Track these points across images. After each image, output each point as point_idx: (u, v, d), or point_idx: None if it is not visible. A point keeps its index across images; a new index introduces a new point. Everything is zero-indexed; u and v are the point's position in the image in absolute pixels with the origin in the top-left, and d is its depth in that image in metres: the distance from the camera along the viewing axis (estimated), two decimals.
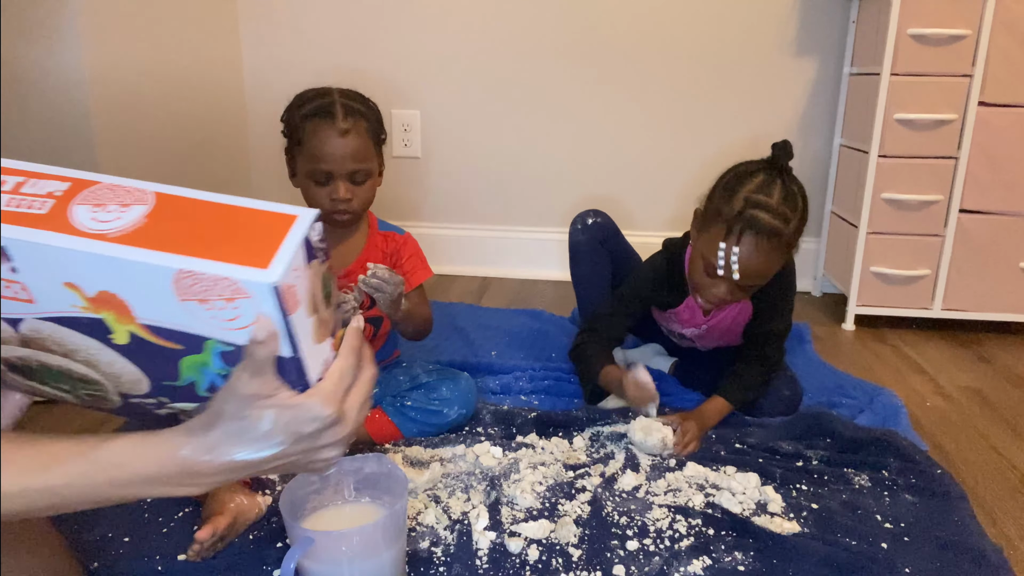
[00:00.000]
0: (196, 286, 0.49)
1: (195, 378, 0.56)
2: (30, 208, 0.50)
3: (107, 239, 0.49)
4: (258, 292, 0.49)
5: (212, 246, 0.49)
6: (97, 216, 0.50)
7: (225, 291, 0.49)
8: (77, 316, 0.52)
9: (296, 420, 0.55)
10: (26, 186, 0.51)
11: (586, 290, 1.53)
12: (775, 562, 0.95)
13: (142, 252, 0.48)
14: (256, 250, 0.49)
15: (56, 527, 0.79)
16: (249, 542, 0.97)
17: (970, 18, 1.69)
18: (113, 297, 0.50)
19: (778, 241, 1.17)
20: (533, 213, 2.31)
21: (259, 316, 0.50)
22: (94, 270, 0.49)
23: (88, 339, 0.54)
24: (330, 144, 1.16)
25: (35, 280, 0.51)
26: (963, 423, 1.41)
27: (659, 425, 1.23)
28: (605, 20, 2.14)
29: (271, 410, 0.54)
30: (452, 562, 0.94)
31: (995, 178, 1.76)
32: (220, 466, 0.56)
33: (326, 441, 0.58)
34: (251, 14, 2.26)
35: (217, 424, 0.55)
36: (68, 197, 0.51)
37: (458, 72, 2.23)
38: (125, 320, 0.52)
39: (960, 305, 1.85)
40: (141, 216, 0.50)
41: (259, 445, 0.56)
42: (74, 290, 0.50)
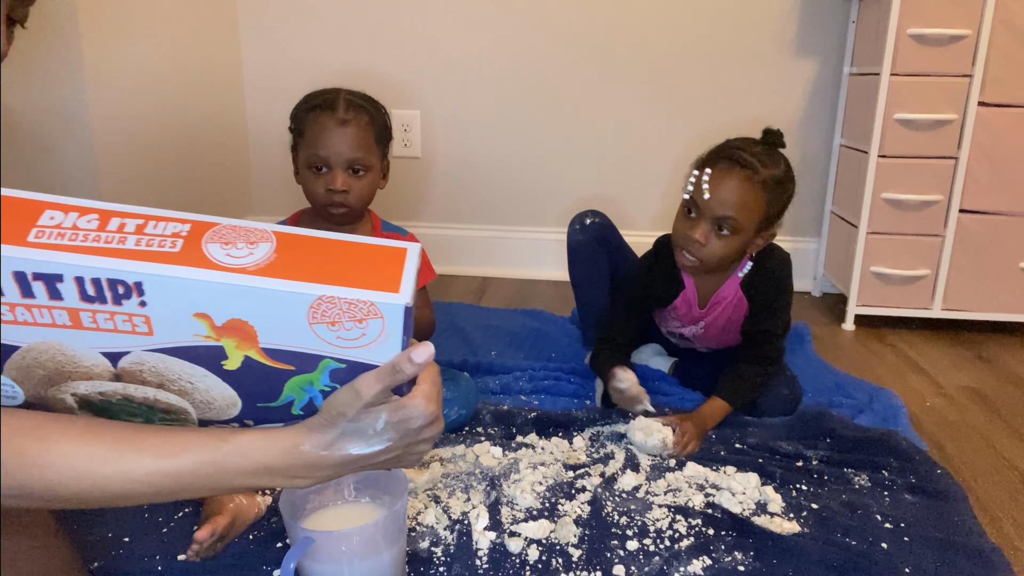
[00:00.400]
0: (331, 310, 0.55)
1: (295, 396, 0.63)
2: (162, 247, 0.54)
3: (248, 272, 0.54)
4: (391, 313, 0.56)
5: (343, 275, 0.56)
6: (231, 252, 0.55)
7: (358, 313, 0.56)
8: (195, 345, 0.57)
9: (405, 420, 0.63)
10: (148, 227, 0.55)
11: (585, 291, 1.53)
12: (775, 562, 0.95)
13: (284, 283, 0.54)
14: (384, 278, 0.57)
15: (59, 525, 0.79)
16: (249, 542, 0.97)
17: (970, 18, 1.69)
18: (244, 324, 0.56)
19: (750, 175, 1.20)
20: (533, 213, 2.31)
21: (425, 343, 0.60)
22: (231, 301, 0.55)
23: (194, 367, 0.59)
24: (329, 132, 1.18)
25: (162, 313, 0.55)
26: (963, 423, 1.41)
27: (659, 426, 1.23)
28: (605, 20, 2.14)
29: (384, 412, 0.62)
30: (452, 562, 0.94)
31: (995, 178, 1.76)
32: (336, 460, 0.63)
33: (425, 436, 0.66)
34: (251, 14, 2.26)
35: (337, 423, 0.62)
36: (196, 237, 0.56)
37: (458, 72, 2.23)
38: (246, 346, 0.57)
39: (960, 305, 1.85)
40: (270, 251, 0.56)
41: (372, 442, 0.63)
42: (203, 320, 0.55)
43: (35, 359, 0.59)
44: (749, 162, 1.21)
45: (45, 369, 0.60)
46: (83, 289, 0.53)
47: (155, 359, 0.58)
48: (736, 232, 1.24)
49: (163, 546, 0.96)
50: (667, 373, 1.55)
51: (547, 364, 1.59)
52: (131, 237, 0.54)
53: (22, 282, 0.53)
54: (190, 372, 0.60)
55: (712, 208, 1.22)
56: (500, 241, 2.32)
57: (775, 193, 1.23)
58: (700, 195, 1.23)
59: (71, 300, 0.54)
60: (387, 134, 1.26)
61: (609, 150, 2.24)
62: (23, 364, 0.59)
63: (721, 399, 1.31)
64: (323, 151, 1.18)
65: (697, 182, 1.23)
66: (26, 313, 0.54)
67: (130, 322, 0.55)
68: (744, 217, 1.22)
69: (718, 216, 1.23)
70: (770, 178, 1.22)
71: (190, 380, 0.60)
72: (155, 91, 1.88)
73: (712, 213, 1.23)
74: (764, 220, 1.25)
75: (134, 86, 1.79)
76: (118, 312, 0.55)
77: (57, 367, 0.59)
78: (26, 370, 0.59)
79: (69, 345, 0.57)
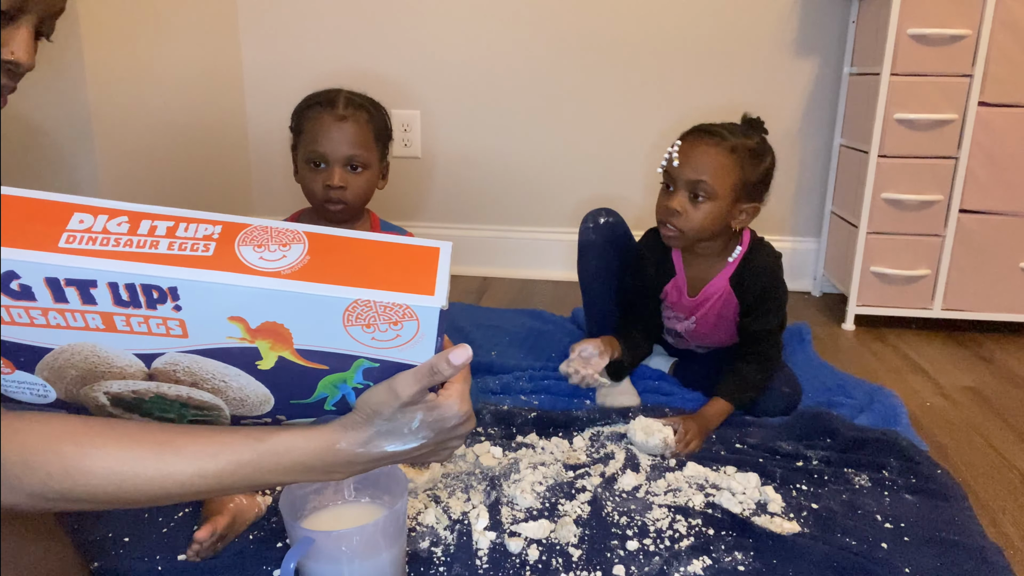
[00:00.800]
0: (367, 313, 0.55)
1: (328, 394, 0.63)
2: (195, 251, 0.54)
3: (282, 276, 0.54)
4: (426, 316, 0.56)
5: (377, 278, 0.56)
6: (264, 256, 0.55)
7: (393, 316, 0.56)
8: (229, 347, 0.57)
9: (439, 419, 0.64)
10: (179, 230, 0.55)
11: (592, 289, 1.52)
12: (775, 562, 0.95)
13: (319, 287, 0.54)
14: (417, 281, 0.57)
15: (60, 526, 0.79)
16: (249, 542, 0.97)
17: (970, 18, 1.69)
18: (279, 327, 0.56)
19: (719, 140, 1.25)
20: (533, 213, 2.31)
21: (463, 345, 0.61)
22: (266, 305, 0.54)
23: (228, 367, 0.59)
24: (327, 128, 1.19)
25: (197, 316, 0.55)
26: (963, 423, 1.41)
27: (659, 426, 1.23)
28: (605, 20, 2.14)
29: (420, 411, 0.63)
30: (452, 562, 0.94)
31: (995, 178, 1.76)
32: (371, 457, 0.65)
33: (458, 434, 0.67)
34: (251, 14, 2.26)
35: (373, 422, 0.63)
36: (228, 239, 0.55)
37: (458, 72, 2.23)
38: (281, 347, 0.58)
39: (960, 305, 1.85)
40: (303, 254, 0.56)
41: (407, 440, 0.65)
42: (238, 323, 0.55)
43: (68, 360, 0.59)
44: (717, 131, 1.26)
45: (78, 370, 0.60)
46: (117, 294, 0.53)
47: (189, 360, 0.59)
48: (711, 198, 1.25)
49: (163, 546, 0.96)
50: (667, 373, 1.55)
51: (547, 364, 1.59)
52: (163, 241, 0.54)
53: (55, 288, 0.52)
54: (224, 372, 0.60)
55: (684, 174, 1.26)
56: (500, 241, 2.32)
57: (748, 161, 1.25)
58: (672, 166, 1.27)
59: (105, 305, 0.54)
60: (387, 134, 1.27)
61: (609, 150, 2.24)
62: (56, 365, 0.59)
63: (723, 399, 1.31)
64: (321, 147, 1.19)
65: (670, 157, 1.28)
66: (59, 317, 0.54)
67: (164, 325, 0.55)
68: (716, 181, 1.24)
69: (690, 181, 1.25)
70: (740, 145, 1.25)
71: (223, 379, 0.61)
72: (155, 91, 1.88)
73: (684, 179, 1.26)
74: (740, 187, 1.26)
75: (134, 86, 1.79)
76: (152, 316, 0.55)
77: (90, 368, 0.59)
78: (59, 371, 0.59)
79: (103, 347, 0.57)
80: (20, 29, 0.72)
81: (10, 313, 0.54)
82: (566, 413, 1.35)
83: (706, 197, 1.25)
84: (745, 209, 1.29)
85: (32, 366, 0.59)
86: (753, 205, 1.30)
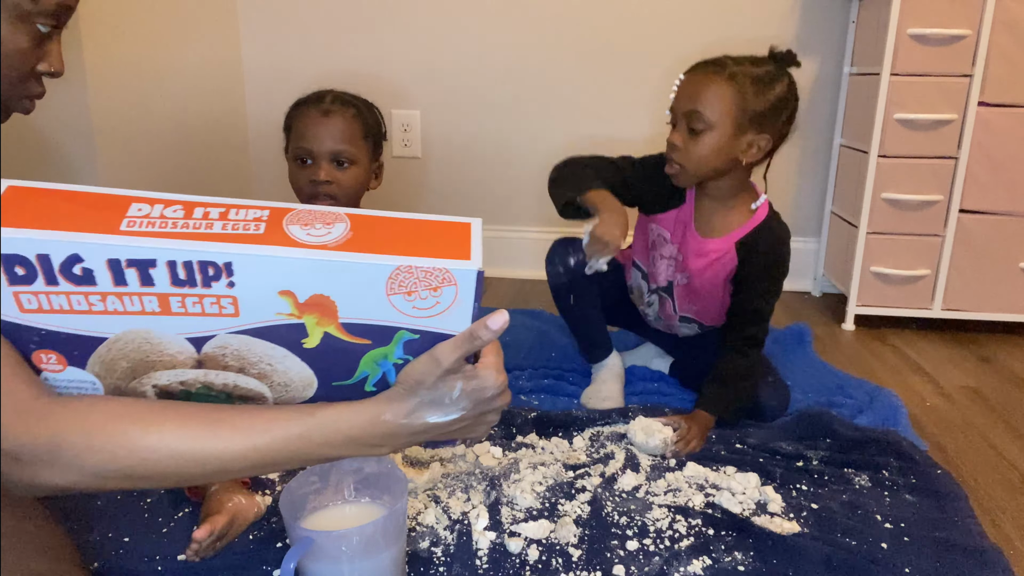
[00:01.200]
0: (408, 280, 0.59)
1: (369, 372, 0.66)
2: (247, 230, 0.57)
3: (329, 248, 0.57)
4: (464, 279, 0.59)
5: (417, 247, 0.59)
6: (311, 232, 0.58)
7: (433, 281, 0.59)
8: (278, 324, 0.60)
9: (478, 388, 0.67)
10: (231, 214, 0.59)
11: (579, 322, 1.46)
12: (775, 562, 0.95)
13: (364, 256, 0.57)
14: (454, 249, 0.60)
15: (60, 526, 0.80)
16: (249, 542, 0.97)
17: (970, 18, 1.69)
18: (325, 300, 0.59)
19: (718, 70, 1.19)
20: (533, 213, 2.30)
21: (500, 310, 0.64)
22: (314, 276, 0.58)
23: (275, 348, 0.62)
24: (313, 123, 1.18)
25: (249, 293, 0.58)
26: (963, 423, 1.41)
27: (660, 426, 1.23)
28: (606, 22, 2.14)
29: (460, 380, 0.66)
30: (452, 562, 0.94)
31: (995, 178, 1.76)
32: (414, 428, 0.66)
33: (495, 406, 0.69)
34: (251, 14, 2.26)
35: (417, 392, 0.65)
36: (276, 220, 0.59)
37: (458, 72, 2.23)
38: (326, 321, 0.61)
39: (960, 305, 1.85)
40: (346, 230, 0.59)
41: (448, 410, 0.67)
42: (287, 297, 0.58)
43: (120, 350, 0.61)
44: (720, 60, 1.21)
45: (129, 360, 0.62)
46: (174, 273, 0.56)
47: (238, 342, 0.61)
48: (708, 128, 1.19)
49: (163, 546, 0.96)
50: (666, 374, 1.55)
51: (547, 364, 1.59)
52: (216, 223, 0.57)
53: (116, 270, 0.55)
54: (270, 353, 0.63)
55: (680, 106, 1.22)
56: (500, 241, 2.32)
57: (751, 88, 1.18)
58: (673, 102, 1.24)
59: (162, 285, 0.56)
60: (378, 133, 1.25)
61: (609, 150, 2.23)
62: (108, 357, 0.61)
63: (706, 413, 1.27)
64: (307, 142, 1.18)
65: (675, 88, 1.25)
66: (116, 302, 0.57)
67: (218, 304, 0.58)
68: (711, 111, 1.18)
69: (686, 113, 1.21)
70: (741, 72, 1.18)
71: (270, 362, 0.63)
72: (156, 90, 1.88)
73: (681, 111, 1.22)
74: (742, 116, 1.19)
75: (134, 85, 1.79)
76: (207, 295, 0.57)
77: (142, 357, 0.62)
78: (110, 363, 0.62)
79: (156, 332, 0.60)
80: (54, 42, 0.76)
81: (70, 300, 0.56)
82: (566, 413, 1.35)
83: (703, 128, 1.19)
84: (753, 141, 1.21)
85: (84, 360, 0.61)
86: (764, 136, 1.21)
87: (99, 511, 1.03)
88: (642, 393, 1.47)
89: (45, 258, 0.54)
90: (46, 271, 0.55)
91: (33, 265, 0.54)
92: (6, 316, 0.57)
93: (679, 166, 1.23)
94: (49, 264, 0.54)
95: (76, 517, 1.01)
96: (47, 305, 0.56)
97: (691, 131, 1.21)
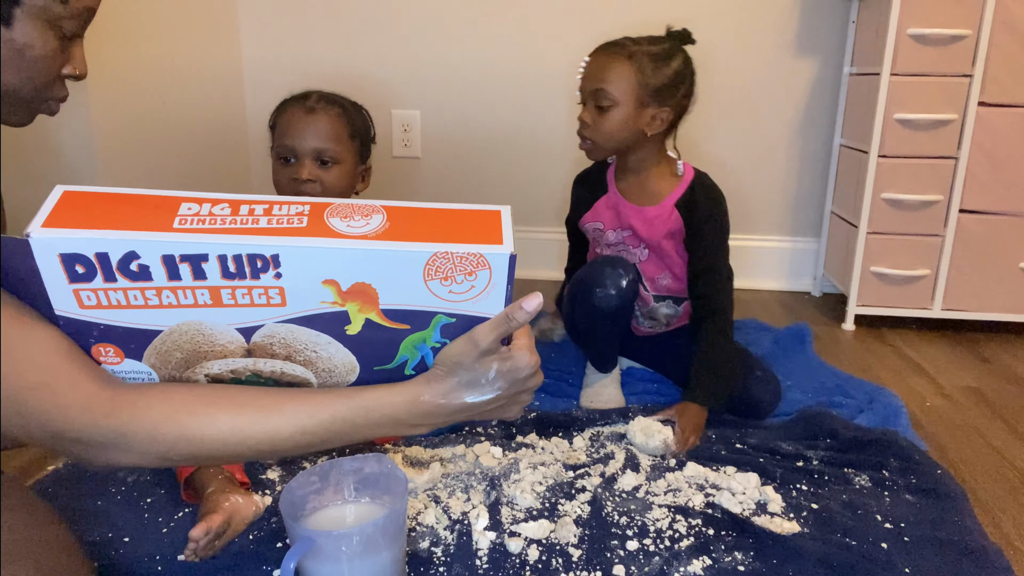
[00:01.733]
0: (444, 265, 0.62)
1: (408, 356, 0.69)
2: (291, 224, 0.61)
3: (369, 238, 0.60)
4: (498, 263, 0.62)
5: (451, 234, 0.62)
6: (351, 224, 0.61)
7: (468, 266, 0.62)
8: (322, 312, 0.64)
9: (513, 369, 0.69)
10: (274, 209, 0.62)
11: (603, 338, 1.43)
12: (775, 562, 0.95)
13: (402, 244, 0.60)
14: (487, 235, 0.63)
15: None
16: (249, 542, 0.97)
17: (970, 18, 1.69)
18: (366, 287, 0.62)
19: (618, 50, 1.30)
20: (533, 213, 2.31)
21: (534, 292, 0.67)
22: (356, 265, 0.61)
23: (320, 335, 0.66)
24: (297, 120, 1.17)
25: (295, 283, 0.61)
26: (963, 423, 1.41)
27: (659, 426, 1.23)
28: (605, 21, 2.14)
29: (496, 361, 0.68)
30: (452, 562, 0.94)
31: (995, 178, 1.76)
32: (453, 408, 0.70)
33: (529, 386, 0.72)
34: (251, 14, 2.26)
35: (455, 373, 0.68)
36: (318, 213, 0.62)
37: (458, 72, 2.23)
38: (368, 308, 0.64)
39: (960, 305, 1.85)
40: (384, 221, 0.62)
41: (484, 390, 0.69)
42: (331, 286, 0.62)
43: (174, 342, 0.65)
44: (619, 41, 1.31)
45: (183, 351, 0.66)
46: (225, 266, 0.59)
47: (285, 330, 0.65)
48: (613, 104, 1.29)
49: (163, 546, 0.96)
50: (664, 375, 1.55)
51: (547, 364, 1.58)
52: (262, 219, 0.61)
53: (170, 265, 0.59)
54: (315, 340, 0.66)
55: (587, 86, 1.31)
56: None
57: (650, 65, 1.29)
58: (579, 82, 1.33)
59: (214, 278, 0.60)
60: (365, 134, 1.23)
61: None
62: (163, 349, 0.65)
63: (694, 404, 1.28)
64: (289, 139, 1.17)
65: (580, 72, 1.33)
66: (171, 296, 0.61)
67: (265, 295, 0.62)
68: (614, 87, 1.28)
69: (591, 92, 1.30)
70: (639, 51, 1.29)
71: (315, 349, 0.67)
72: (155, 90, 1.88)
73: (587, 90, 1.31)
74: (642, 92, 1.29)
75: (134, 85, 1.79)
76: (255, 286, 0.61)
77: (195, 347, 0.65)
78: (165, 354, 0.66)
79: (208, 323, 0.63)
80: (77, 45, 0.78)
81: (127, 296, 0.60)
82: (566, 413, 1.35)
83: (608, 105, 1.29)
84: (656, 115, 1.31)
85: (140, 353, 0.65)
86: (665, 109, 1.31)
87: (99, 511, 1.03)
88: (641, 393, 1.47)
89: (104, 256, 0.57)
90: (104, 268, 0.58)
91: (92, 263, 0.58)
92: (67, 312, 0.60)
93: (590, 141, 1.34)
94: (108, 261, 0.58)
95: (76, 517, 1.01)
96: (105, 301, 0.60)
97: (598, 108, 1.30)
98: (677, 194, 1.36)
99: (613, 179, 1.43)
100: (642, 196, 1.39)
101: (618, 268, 1.33)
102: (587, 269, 1.37)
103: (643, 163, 1.38)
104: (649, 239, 1.39)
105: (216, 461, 0.69)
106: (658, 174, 1.38)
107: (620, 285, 1.32)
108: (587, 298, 1.34)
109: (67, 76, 0.79)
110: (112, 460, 0.64)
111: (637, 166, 1.39)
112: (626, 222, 1.40)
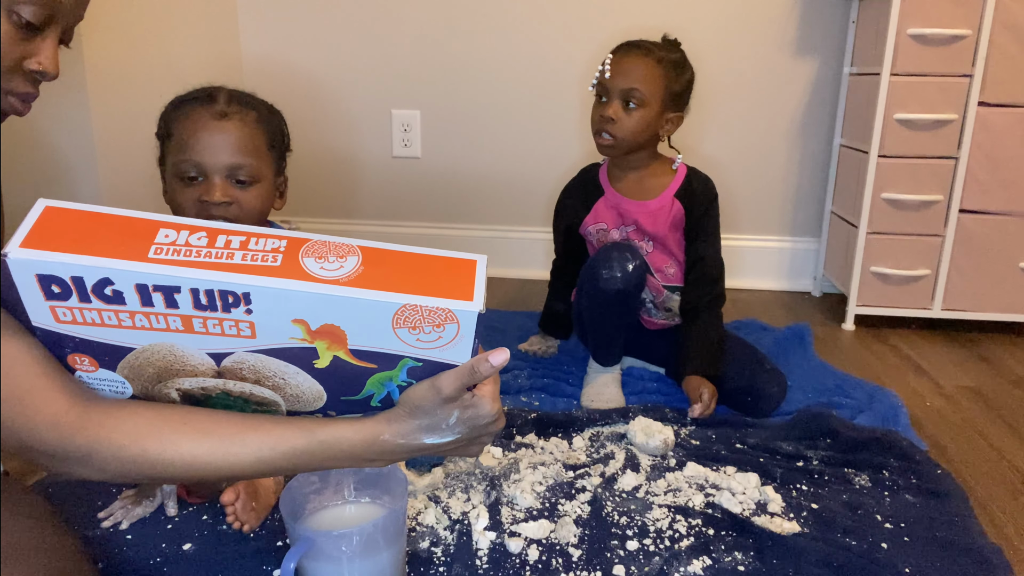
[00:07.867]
0: (413, 316, 0.62)
1: (375, 391, 0.70)
2: (265, 262, 0.61)
3: (340, 283, 0.61)
4: (466, 319, 0.63)
5: (423, 286, 0.63)
6: (324, 266, 0.62)
7: (436, 319, 0.63)
8: (291, 347, 0.64)
9: (474, 416, 0.70)
10: (251, 243, 0.62)
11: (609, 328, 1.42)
12: (775, 562, 0.95)
13: (373, 292, 0.61)
14: (458, 289, 0.63)
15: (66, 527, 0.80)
16: (249, 542, 0.97)
17: (970, 18, 1.69)
18: (335, 329, 0.63)
19: (648, 53, 1.35)
20: (533, 213, 2.30)
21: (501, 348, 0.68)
22: (326, 308, 0.61)
23: (289, 365, 0.66)
24: (204, 129, 0.93)
25: (265, 319, 0.62)
26: (963, 423, 1.41)
27: (660, 426, 1.23)
28: (605, 20, 2.14)
29: (457, 408, 0.69)
30: (452, 562, 0.94)
31: (995, 178, 1.76)
32: (410, 448, 0.71)
33: (489, 431, 0.73)
34: (251, 14, 2.26)
35: (416, 416, 0.69)
36: (293, 252, 0.62)
37: (458, 72, 2.23)
38: (336, 347, 0.64)
39: (960, 305, 1.85)
40: (358, 264, 0.62)
41: (444, 434, 0.70)
42: (300, 325, 0.62)
43: (147, 359, 0.66)
44: (644, 44, 1.37)
45: (155, 368, 0.67)
46: (197, 299, 0.60)
47: (254, 359, 0.66)
48: (643, 105, 1.34)
49: (165, 540, 0.96)
50: (664, 374, 1.55)
51: (547, 364, 1.58)
52: (237, 253, 0.61)
53: (143, 293, 0.60)
54: (284, 370, 0.67)
55: (617, 83, 1.34)
56: (500, 241, 2.32)
57: (673, 72, 1.36)
58: (605, 78, 1.36)
59: (185, 308, 0.61)
60: (283, 142, 1.02)
61: None
62: (136, 364, 0.66)
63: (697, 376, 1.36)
64: (196, 154, 0.92)
65: (603, 69, 1.36)
66: (144, 319, 0.62)
67: (236, 327, 0.63)
68: (647, 89, 1.33)
69: (624, 89, 1.34)
70: (665, 57, 1.35)
71: (283, 377, 0.68)
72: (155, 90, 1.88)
73: (618, 88, 1.34)
74: (667, 96, 1.36)
75: (134, 85, 1.79)
76: (226, 319, 0.62)
77: (166, 366, 0.66)
78: (138, 368, 0.67)
79: (180, 346, 0.64)
80: (47, 40, 0.75)
81: (101, 316, 0.61)
82: (566, 413, 1.35)
83: (638, 104, 1.34)
84: (671, 119, 1.38)
85: (115, 365, 0.66)
86: (677, 115, 1.39)
87: (102, 507, 1.03)
88: (641, 393, 1.47)
89: (79, 279, 0.59)
90: (79, 291, 0.59)
91: (68, 285, 0.59)
92: (44, 325, 0.62)
93: (613, 138, 1.36)
94: (83, 285, 0.59)
95: (77, 513, 1.01)
96: (80, 319, 0.61)
97: (626, 105, 1.34)
98: (675, 186, 1.42)
99: (607, 180, 1.47)
100: (641, 192, 1.44)
101: (625, 252, 1.35)
102: (596, 255, 1.39)
103: (643, 161, 1.43)
104: (655, 232, 1.43)
105: (177, 482, 0.71)
106: (654, 170, 1.44)
107: (626, 268, 1.33)
108: (594, 281, 1.36)
109: (33, 72, 0.73)
110: (75, 474, 0.66)
111: (638, 164, 1.43)
112: (630, 218, 1.44)
